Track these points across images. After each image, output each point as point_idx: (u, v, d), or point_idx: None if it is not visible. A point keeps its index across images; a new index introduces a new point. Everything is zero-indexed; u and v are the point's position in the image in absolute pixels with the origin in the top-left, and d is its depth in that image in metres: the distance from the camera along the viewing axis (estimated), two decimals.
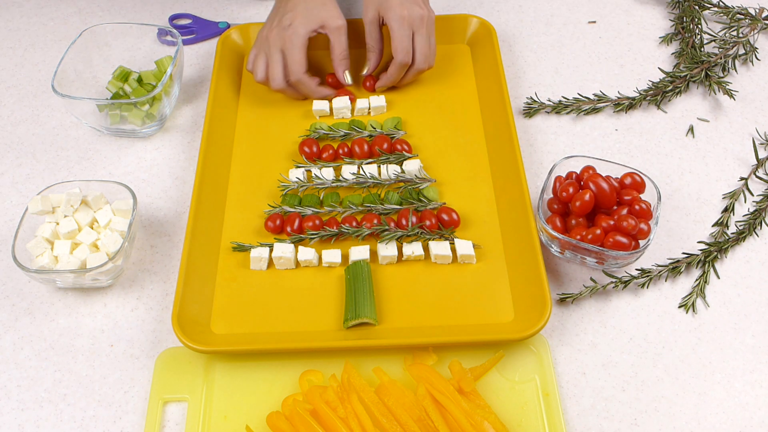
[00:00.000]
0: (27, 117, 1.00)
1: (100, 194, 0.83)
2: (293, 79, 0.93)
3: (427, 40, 0.93)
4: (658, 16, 1.11)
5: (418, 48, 0.92)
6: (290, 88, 0.95)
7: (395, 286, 0.80)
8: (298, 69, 0.91)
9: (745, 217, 0.86)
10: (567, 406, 0.72)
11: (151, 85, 0.99)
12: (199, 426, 0.70)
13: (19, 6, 1.16)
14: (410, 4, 0.91)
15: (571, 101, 0.98)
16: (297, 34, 0.91)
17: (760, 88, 1.00)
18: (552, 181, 0.83)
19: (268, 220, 0.84)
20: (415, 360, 0.73)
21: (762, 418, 0.71)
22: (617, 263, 0.79)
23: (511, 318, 0.77)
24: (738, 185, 0.89)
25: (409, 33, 0.91)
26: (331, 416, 0.68)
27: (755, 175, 0.90)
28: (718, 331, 0.77)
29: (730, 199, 0.87)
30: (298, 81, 0.93)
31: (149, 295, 0.81)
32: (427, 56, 0.93)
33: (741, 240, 0.83)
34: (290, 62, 0.91)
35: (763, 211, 0.86)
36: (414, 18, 0.91)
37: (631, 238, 0.76)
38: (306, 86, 0.94)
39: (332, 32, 0.93)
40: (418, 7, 0.91)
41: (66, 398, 0.73)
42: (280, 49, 0.92)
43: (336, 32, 0.93)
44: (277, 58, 0.92)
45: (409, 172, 0.89)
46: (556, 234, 0.77)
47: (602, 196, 0.79)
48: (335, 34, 0.93)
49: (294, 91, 0.96)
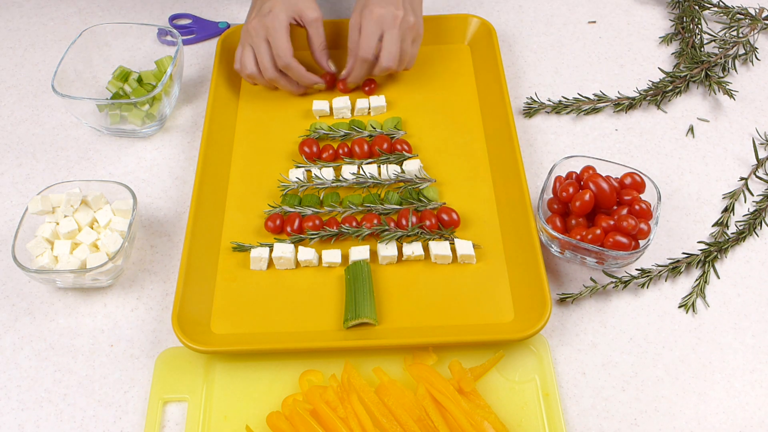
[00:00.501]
0: (27, 117, 1.00)
1: (100, 194, 0.83)
2: (282, 63, 0.92)
3: (397, 40, 0.92)
4: (658, 16, 1.11)
5: (385, 46, 0.92)
6: (282, 77, 0.95)
7: (395, 286, 0.80)
8: (285, 53, 0.92)
9: (745, 217, 0.86)
10: (567, 406, 0.72)
11: (151, 85, 0.99)
12: (199, 426, 0.70)
13: (19, 6, 1.16)
14: (388, 5, 0.91)
15: (571, 101, 0.98)
16: (278, 18, 0.91)
17: (760, 88, 1.00)
18: (552, 181, 0.83)
19: (268, 220, 0.85)
20: (415, 360, 0.73)
21: (762, 418, 0.71)
22: (617, 263, 0.79)
23: (511, 318, 0.77)
24: (738, 185, 0.89)
25: (377, 31, 0.91)
26: (331, 416, 0.68)
27: (755, 175, 0.90)
28: (718, 331, 0.77)
29: (730, 199, 0.87)
30: (287, 65, 0.93)
31: (149, 295, 0.81)
32: (393, 55, 0.92)
33: (741, 240, 0.83)
34: (276, 47, 0.92)
35: (763, 211, 0.86)
36: (386, 17, 0.91)
37: (631, 238, 0.76)
38: (295, 71, 0.94)
39: (310, 24, 0.94)
40: (394, 8, 0.91)
41: (66, 398, 0.73)
42: (264, 38, 0.92)
43: (313, 24, 0.94)
44: (264, 47, 0.92)
45: (409, 172, 0.89)
46: (556, 234, 0.77)
47: (602, 196, 0.79)
48: (313, 26, 0.94)
49: (286, 80, 0.96)
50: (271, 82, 0.95)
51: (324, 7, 1.12)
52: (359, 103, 0.97)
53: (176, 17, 1.12)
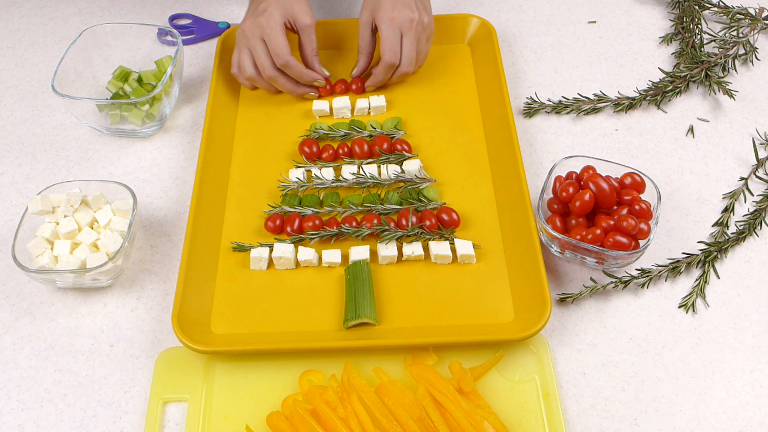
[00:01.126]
0: (27, 117, 1.00)
1: (100, 194, 0.83)
2: (281, 61, 0.92)
3: (414, 43, 0.93)
4: (658, 16, 1.11)
5: (405, 51, 0.93)
6: (281, 76, 0.95)
7: (395, 286, 0.80)
8: (283, 51, 0.91)
9: (745, 217, 0.86)
10: (567, 406, 0.72)
11: (151, 85, 0.99)
12: (199, 426, 0.70)
13: (19, 6, 1.16)
14: (402, 7, 0.92)
15: (571, 101, 0.98)
16: (273, 17, 0.91)
17: (760, 88, 1.00)
18: (552, 181, 0.83)
19: (268, 220, 0.85)
20: (415, 360, 0.73)
21: (762, 418, 0.71)
22: (617, 263, 0.79)
23: (511, 318, 0.77)
24: (738, 185, 0.89)
25: (398, 34, 0.92)
26: (331, 416, 0.68)
27: (755, 175, 0.90)
28: (718, 331, 0.77)
29: (730, 199, 0.87)
30: (286, 63, 0.92)
31: (149, 295, 0.81)
32: (411, 60, 0.94)
33: (741, 240, 0.83)
34: (274, 45, 0.91)
35: (763, 211, 0.86)
36: (403, 20, 0.92)
37: (631, 238, 0.76)
38: (295, 69, 0.94)
39: (302, 30, 0.94)
40: (408, 11, 0.92)
41: (66, 398, 0.73)
42: (259, 37, 0.92)
43: (306, 30, 0.94)
44: (260, 46, 0.92)
45: (409, 172, 0.89)
46: (556, 234, 0.77)
47: (602, 196, 0.79)
48: (305, 32, 0.94)
49: (285, 78, 0.95)
50: (270, 80, 0.95)
51: (323, 7, 1.12)
52: (359, 103, 0.97)
53: (176, 17, 1.12)
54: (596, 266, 0.81)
